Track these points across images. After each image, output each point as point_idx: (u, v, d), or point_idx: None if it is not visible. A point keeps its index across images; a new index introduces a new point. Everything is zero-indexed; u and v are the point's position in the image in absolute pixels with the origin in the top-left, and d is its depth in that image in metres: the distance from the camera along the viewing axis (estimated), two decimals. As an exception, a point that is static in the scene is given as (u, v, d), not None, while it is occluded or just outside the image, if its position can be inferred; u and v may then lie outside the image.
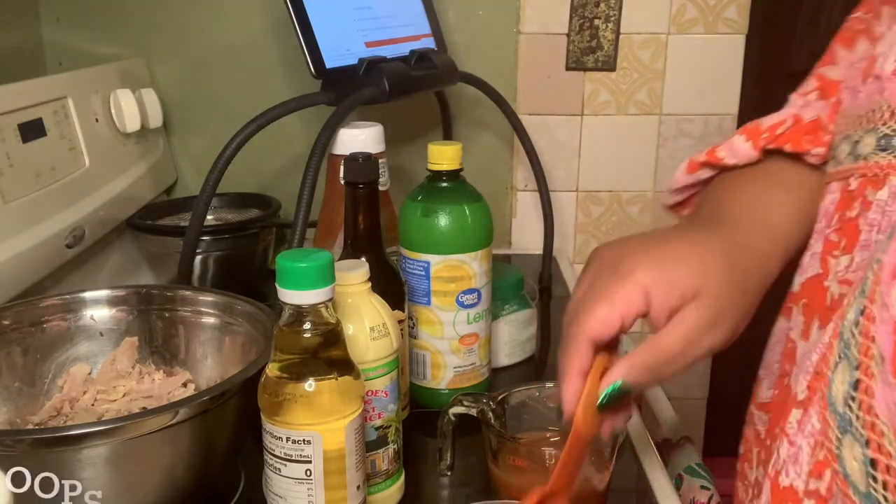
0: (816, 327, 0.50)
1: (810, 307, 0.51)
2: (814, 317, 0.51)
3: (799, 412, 0.46)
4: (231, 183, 0.95)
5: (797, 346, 0.52)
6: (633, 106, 1.17)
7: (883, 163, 0.47)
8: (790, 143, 0.59)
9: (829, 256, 0.50)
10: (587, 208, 1.22)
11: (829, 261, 0.50)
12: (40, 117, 0.82)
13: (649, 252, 0.51)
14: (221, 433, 0.57)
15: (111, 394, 0.67)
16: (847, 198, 0.49)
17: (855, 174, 0.48)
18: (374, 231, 0.67)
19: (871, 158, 0.47)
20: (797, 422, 0.46)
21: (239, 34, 1.13)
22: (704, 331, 0.49)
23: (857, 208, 0.48)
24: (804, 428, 0.45)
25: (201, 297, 0.70)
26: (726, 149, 0.61)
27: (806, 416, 0.46)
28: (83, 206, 0.87)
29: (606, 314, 0.48)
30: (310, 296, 0.49)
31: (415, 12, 0.99)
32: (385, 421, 0.60)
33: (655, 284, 0.48)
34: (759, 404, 0.58)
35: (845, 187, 0.50)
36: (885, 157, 0.47)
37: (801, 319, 0.52)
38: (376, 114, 0.88)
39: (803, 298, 0.52)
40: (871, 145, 0.47)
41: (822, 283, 0.50)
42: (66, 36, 1.11)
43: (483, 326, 0.75)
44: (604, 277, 0.50)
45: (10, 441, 0.50)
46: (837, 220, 0.50)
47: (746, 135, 0.60)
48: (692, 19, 1.13)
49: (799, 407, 0.46)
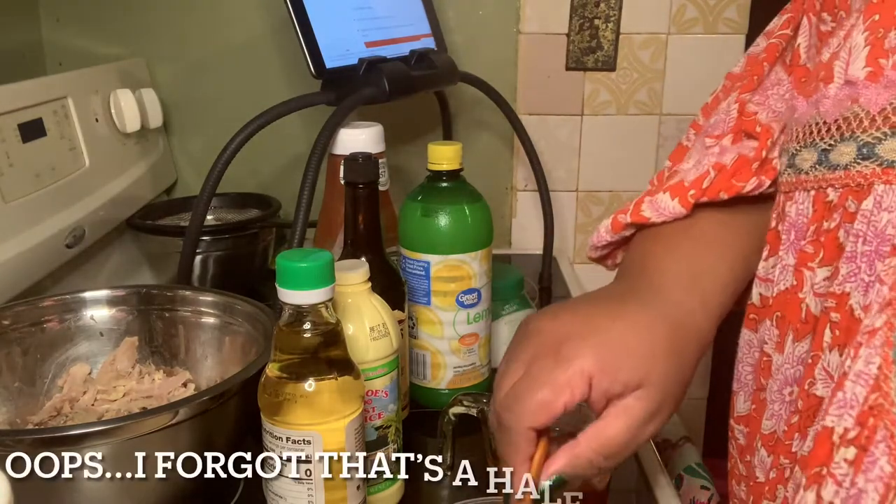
0: (791, 340, 0.50)
1: (784, 320, 0.51)
2: (788, 329, 0.50)
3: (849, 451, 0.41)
4: (231, 183, 0.95)
5: (773, 360, 0.52)
6: (633, 106, 1.17)
7: (867, 172, 0.45)
8: (724, 191, 0.57)
9: (804, 268, 0.49)
10: (587, 208, 1.22)
11: (805, 273, 0.49)
12: (40, 117, 0.82)
13: (594, 336, 0.50)
14: (221, 433, 0.57)
15: (111, 394, 0.67)
16: (824, 209, 0.48)
17: (835, 184, 0.47)
18: (374, 231, 0.67)
19: (852, 168, 0.46)
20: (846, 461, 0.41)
21: (239, 34, 1.13)
22: (648, 420, 0.49)
23: (837, 219, 0.47)
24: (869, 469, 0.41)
25: (201, 297, 0.70)
26: (651, 208, 0.59)
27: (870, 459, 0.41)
28: (83, 206, 0.87)
29: (549, 402, 0.48)
30: (310, 296, 0.49)
31: (415, 12, 0.99)
32: (385, 421, 0.60)
33: (600, 372, 0.48)
34: (737, 417, 0.57)
35: (821, 198, 0.48)
36: (869, 165, 0.45)
37: (775, 332, 0.52)
38: (376, 114, 0.88)
39: (777, 311, 0.51)
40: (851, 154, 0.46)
41: (797, 295, 0.49)
42: (66, 36, 1.11)
43: (483, 326, 0.75)
44: (544, 361, 0.49)
45: (10, 441, 0.50)
46: (813, 231, 0.49)
47: (671, 192, 0.58)
48: (692, 19, 1.13)
49: (848, 445, 0.42)
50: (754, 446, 0.54)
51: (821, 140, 0.48)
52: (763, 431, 0.52)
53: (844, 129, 0.46)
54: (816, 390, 0.47)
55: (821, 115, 0.48)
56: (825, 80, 0.48)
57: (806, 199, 0.50)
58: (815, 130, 0.49)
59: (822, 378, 0.46)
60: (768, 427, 0.52)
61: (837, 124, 0.47)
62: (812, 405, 0.47)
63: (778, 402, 0.51)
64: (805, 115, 0.50)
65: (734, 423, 0.57)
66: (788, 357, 0.50)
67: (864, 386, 0.41)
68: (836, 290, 0.46)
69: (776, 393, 0.51)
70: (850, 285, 0.45)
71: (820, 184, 0.48)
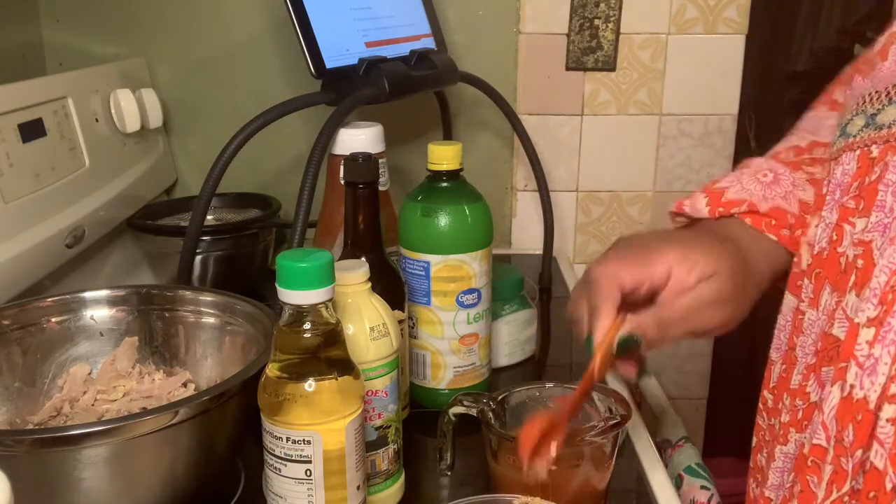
0: (828, 292, 0.54)
1: (821, 276, 0.55)
2: (824, 283, 0.54)
3: (869, 331, 0.48)
4: (231, 183, 0.95)
5: (805, 316, 0.56)
6: (633, 106, 1.17)
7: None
8: (751, 219, 0.64)
9: (845, 223, 0.53)
10: (587, 208, 1.22)
11: (845, 227, 0.53)
12: (40, 117, 0.82)
13: (676, 240, 0.59)
14: (221, 433, 0.57)
15: (111, 394, 0.67)
16: (867, 165, 0.53)
17: (878, 142, 0.52)
18: (374, 231, 0.67)
19: (894, 127, 0.51)
20: (867, 342, 0.48)
21: (239, 34, 1.13)
22: (711, 304, 0.57)
23: (878, 172, 0.51)
24: (884, 338, 0.47)
25: (201, 297, 0.70)
26: (690, 204, 0.67)
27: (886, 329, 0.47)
28: (83, 206, 0.88)
29: (639, 271, 0.56)
30: (310, 296, 0.49)
31: (415, 12, 0.99)
32: (385, 421, 0.60)
33: (680, 262, 0.57)
34: (771, 388, 0.60)
35: (865, 154, 0.53)
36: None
37: (810, 288, 0.56)
38: (376, 114, 0.88)
39: (816, 268, 0.56)
40: (895, 115, 0.52)
41: (836, 250, 0.54)
42: (66, 36, 1.11)
43: (483, 326, 0.75)
44: (637, 250, 0.59)
45: (10, 441, 0.50)
46: (856, 187, 0.53)
47: (709, 197, 0.66)
48: (692, 19, 1.13)
49: (869, 326, 0.48)
50: (780, 408, 0.57)
51: (871, 106, 0.54)
52: (792, 387, 0.56)
53: (893, 95, 0.52)
54: (834, 330, 0.51)
55: (874, 85, 0.54)
56: (881, 59, 0.54)
57: (852, 160, 0.54)
58: (868, 99, 0.54)
59: (840, 318, 0.51)
60: (797, 382, 0.56)
61: (888, 91, 0.52)
62: (828, 345, 0.51)
63: (811, 355, 0.55)
64: (861, 88, 0.55)
65: (767, 394, 0.61)
66: (824, 310, 0.54)
67: (887, 274, 0.47)
68: (866, 238, 0.50)
69: (809, 346, 0.55)
70: (876, 232, 0.50)
71: (866, 143, 0.53)
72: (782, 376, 0.59)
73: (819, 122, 0.71)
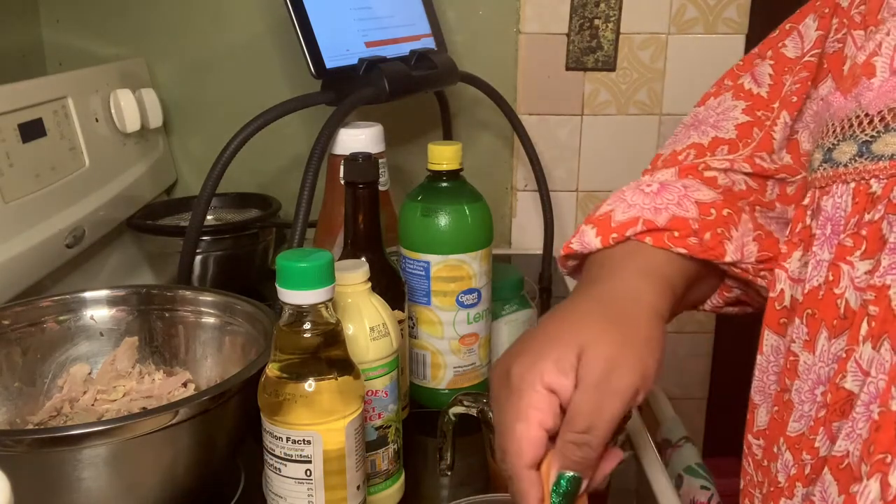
0: (825, 338, 0.49)
1: (815, 317, 0.50)
2: (820, 327, 0.49)
3: None
4: (231, 183, 0.95)
5: (799, 360, 0.50)
6: (633, 106, 1.17)
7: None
8: (651, 238, 0.57)
9: (842, 263, 0.48)
10: (587, 208, 1.22)
11: (842, 268, 0.48)
12: (40, 117, 0.82)
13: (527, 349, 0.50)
14: (221, 433, 0.57)
15: (111, 394, 0.67)
16: (865, 200, 0.48)
17: (879, 176, 0.47)
18: (374, 231, 0.67)
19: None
20: None
21: (239, 34, 1.13)
22: (606, 375, 0.47)
23: (882, 210, 0.46)
24: None
25: (201, 297, 0.70)
26: (578, 241, 0.59)
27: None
28: (83, 206, 0.88)
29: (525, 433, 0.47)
30: (310, 296, 0.49)
31: (415, 12, 0.99)
32: (385, 421, 0.60)
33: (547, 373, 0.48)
34: (756, 432, 0.55)
35: (862, 189, 0.48)
36: None
37: (804, 330, 0.50)
38: (376, 114, 0.88)
39: (808, 308, 0.50)
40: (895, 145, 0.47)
41: (833, 291, 0.48)
42: (66, 36, 1.11)
43: (483, 326, 0.75)
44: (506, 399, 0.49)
45: (10, 441, 0.50)
46: (854, 224, 0.48)
47: (596, 227, 0.58)
48: (692, 19, 1.13)
49: None
50: (775, 452, 0.52)
51: (862, 132, 0.48)
52: (789, 434, 0.51)
53: (889, 120, 0.46)
54: (846, 383, 0.46)
55: (863, 107, 0.48)
56: (867, 75, 0.48)
57: (845, 192, 0.49)
58: (857, 123, 0.48)
59: (853, 371, 0.45)
60: (795, 429, 0.50)
61: (881, 115, 0.47)
62: (840, 399, 0.46)
63: (808, 402, 0.49)
64: (843, 109, 0.50)
65: (752, 439, 0.55)
66: (822, 355, 0.49)
67: None
68: (877, 283, 0.45)
69: (807, 393, 0.50)
70: (890, 277, 0.45)
71: (861, 175, 0.48)
72: (775, 420, 0.52)
73: (723, 113, 0.64)
